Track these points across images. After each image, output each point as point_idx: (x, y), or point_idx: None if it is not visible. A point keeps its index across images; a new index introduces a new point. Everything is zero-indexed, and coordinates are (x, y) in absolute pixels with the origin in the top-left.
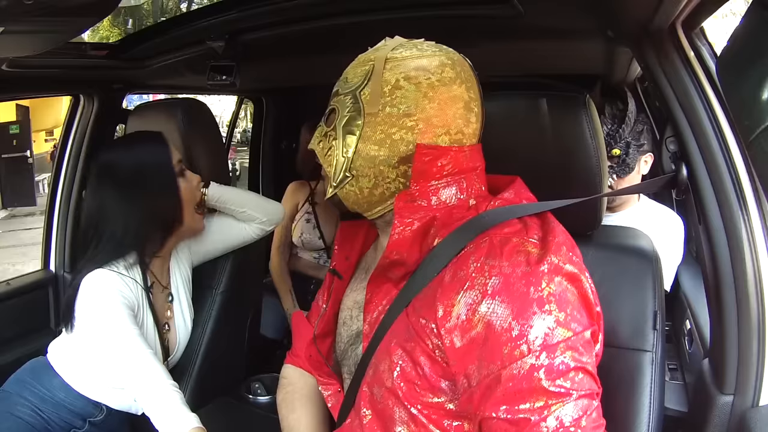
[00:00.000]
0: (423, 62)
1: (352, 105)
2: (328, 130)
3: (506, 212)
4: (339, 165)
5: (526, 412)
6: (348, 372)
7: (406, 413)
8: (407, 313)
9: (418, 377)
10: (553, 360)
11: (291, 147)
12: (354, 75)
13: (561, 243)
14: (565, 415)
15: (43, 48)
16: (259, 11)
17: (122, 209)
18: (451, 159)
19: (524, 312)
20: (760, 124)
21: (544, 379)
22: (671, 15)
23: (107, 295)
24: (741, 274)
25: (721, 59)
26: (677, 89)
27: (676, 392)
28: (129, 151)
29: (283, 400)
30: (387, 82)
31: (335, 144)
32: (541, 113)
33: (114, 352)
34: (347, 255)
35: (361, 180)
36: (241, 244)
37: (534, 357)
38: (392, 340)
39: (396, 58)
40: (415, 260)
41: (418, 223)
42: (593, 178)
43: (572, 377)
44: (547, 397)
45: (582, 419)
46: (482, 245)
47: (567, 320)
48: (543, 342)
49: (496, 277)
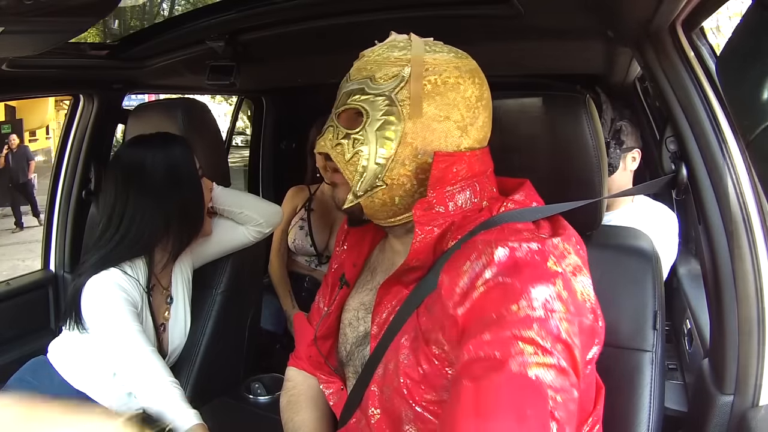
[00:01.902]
0: (459, 65)
1: (388, 108)
2: (351, 132)
3: (518, 215)
4: (370, 172)
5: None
6: (353, 372)
7: (412, 412)
8: (418, 313)
9: (419, 376)
10: (549, 318)
11: (291, 147)
12: (384, 75)
13: (571, 235)
14: (544, 373)
15: (43, 48)
16: (259, 11)
17: (153, 210)
18: (466, 163)
19: (530, 278)
20: (759, 124)
21: (537, 329)
22: (671, 15)
23: (112, 293)
24: (741, 274)
25: (721, 59)
26: (677, 89)
27: (676, 392)
28: (160, 152)
29: (288, 402)
30: (428, 85)
31: (364, 149)
32: (541, 113)
33: (116, 349)
34: (355, 262)
35: (394, 188)
36: (239, 247)
37: (532, 309)
38: (401, 338)
39: (436, 60)
40: (430, 263)
41: (438, 230)
42: (593, 177)
43: (561, 350)
44: (534, 348)
45: (558, 394)
46: (493, 230)
47: (567, 301)
48: (543, 303)
49: (503, 248)
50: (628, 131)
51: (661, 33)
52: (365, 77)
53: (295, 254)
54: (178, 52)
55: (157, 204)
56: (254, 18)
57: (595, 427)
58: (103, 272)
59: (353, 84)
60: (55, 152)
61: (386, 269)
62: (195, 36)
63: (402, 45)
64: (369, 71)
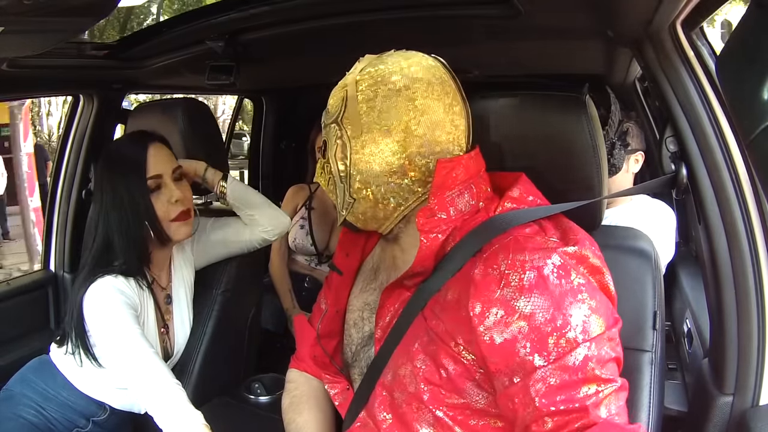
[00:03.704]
0: (392, 77)
1: (338, 133)
2: (324, 162)
3: (520, 215)
4: (339, 192)
5: (580, 400)
6: (359, 373)
7: (432, 416)
8: (425, 316)
9: (441, 380)
10: (600, 349)
11: (291, 147)
12: (333, 104)
13: (584, 238)
14: (611, 403)
15: (43, 48)
16: (259, 11)
17: (103, 221)
18: (462, 167)
19: (562, 303)
20: (759, 124)
21: (597, 367)
22: (671, 15)
23: (110, 298)
24: (741, 274)
25: (721, 59)
26: (677, 89)
27: (675, 392)
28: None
29: (291, 404)
30: (361, 103)
31: (333, 173)
32: (540, 113)
33: (118, 352)
34: (348, 252)
35: (362, 202)
36: (242, 251)
37: (586, 348)
38: (412, 344)
39: (365, 78)
40: (432, 267)
41: (441, 236)
42: (593, 177)
43: (613, 368)
44: (597, 384)
45: (623, 408)
46: (508, 243)
47: (598, 308)
48: (583, 329)
49: (530, 271)
50: (634, 133)
51: (661, 33)
52: (326, 110)
53: (296, 253)
54: (178, 52)
55: (106, 217)
56: (254, 18)
57: None
58: (99, 279)
59: (323, 118)
60: (56, 152)
61: (388, 268)
62: (195, 36)
63: (351, 70)
64: (328, 103)
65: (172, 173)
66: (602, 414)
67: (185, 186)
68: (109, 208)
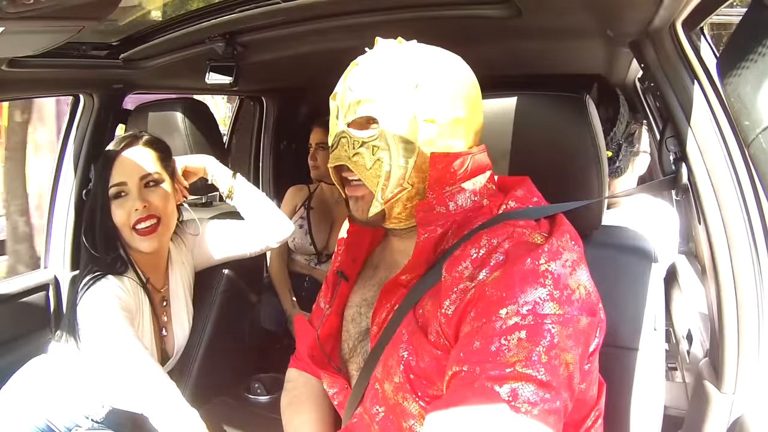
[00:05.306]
0: (455, 67)
1: (403, 114)
2: (367, 140)
3: (521, 213)
4: (394, 177)
5: (487, 371)
6: (357, 368)
7: (417, 406)
8: (415, 309)
9: (422, 371)
10: (540, 325)
11: (291, 147)
12: (390, 83)
13: (565, 231)
14: (523, 392)
15: (43, 48)
16: (259, 11)
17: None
18: (463, 162)
19: (519, 281)
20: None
21: (524, 339)
22: (671, 15)
23: (104, 302)
24: (741, 274)
25: (721, 59)
26: (677, 89)
27: (676, 392)
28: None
29: (290, 403)
30: (436, 90)
31: (384, 155)
32: (541, 113)
33: (111, 354)
34: (354, 257)
35: (417, 191)
36: (241, 255)
37: (520, 317)
38: (400, 335)
39: (433, 64)
40: (431, 262)
41: (440, 230)
42: (594, 177)
43: (552, 354)
44: (516, 362)
45: (537, 406)
46: (496, 228)
47: (561, 299)
48: (532, 308)
49: (501, 254)
50: (640, 135)
51: (661, 33)
52: (372, 85)
53: (295, 253)
54: (178, 52)
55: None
56: (254, 18)
57: (598, 421)
58: (93, 286)
59: (358, 93)
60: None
61: (388, 266)
62: (195, 36)
63: (401, 51)
64: (374, 79)
65: (140, 180)
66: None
67: (158, 193)
68: (87, 205)
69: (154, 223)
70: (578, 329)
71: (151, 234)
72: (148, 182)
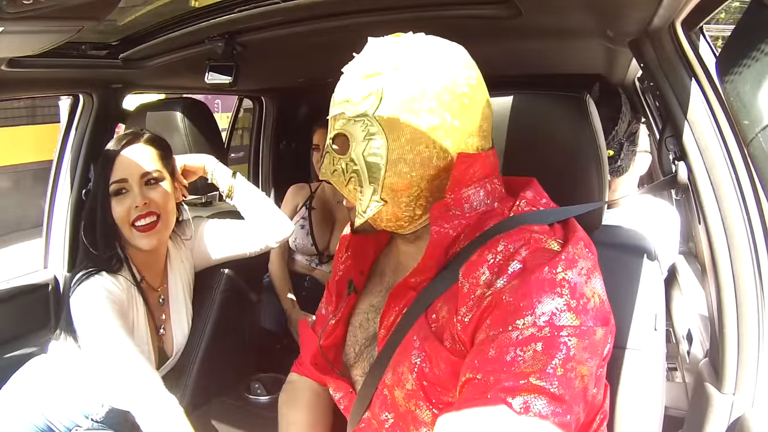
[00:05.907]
0: (438, 64)
1: (369, 129)
2: (342, 157)
3: (534, 217)
4: (366, 193)
5: (501, 381)
6: (362, 373)
7: (430, 414)
8: (427, 314)
9: (436, 377)
10: (556, 338)
11: (291, 147)
12: (359, 94)
13: (580, 238)
14: (534, 405)
15: (43, 48)
16: (259, 11)
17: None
18: (481, 164)
19: (537, 290)
20: (759, 123)
21: (540, 352)
22: (671, 15)
23: (95, 296)
24: (741, 274)
25: (721, 58)
26: (677, 89)
27: (676, 392)
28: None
29: (288, 399)
30: (405, 96)
31: (357, 173)
32: (541, 113)
33: (100, 347)
34: (362, 269)
35: (392, 204)
36: (241, 255)
37: (537, 328)
38: (411, 341)
39: (405, 65)
40: (441, 264)
41: (453, 232)
42: (594, 178)
43: (568, 368)
44: (531, 374)
45: (549, 419)
46: (513, 234)
47: (577, 309)
48: (549, 320)
49: (518, 262)
50: (642, 134)
51: (661, 33)
52: (344, 99)
53: (296, 253)
54: (177, 52)
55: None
56: (254, 18)
57: (603, 424)
58: (86, 281)
59: (336, 108)
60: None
61: (395, 270)
62: (195, 36)
63: (375, 56)
64: (347, 92)
65: (141, 178)
66: (515, 405)
67: (158, 191)
68: (87, 202)
69: (154, 220)
70: (594, 341)
71: (150, 231)
72: (148, 180)
